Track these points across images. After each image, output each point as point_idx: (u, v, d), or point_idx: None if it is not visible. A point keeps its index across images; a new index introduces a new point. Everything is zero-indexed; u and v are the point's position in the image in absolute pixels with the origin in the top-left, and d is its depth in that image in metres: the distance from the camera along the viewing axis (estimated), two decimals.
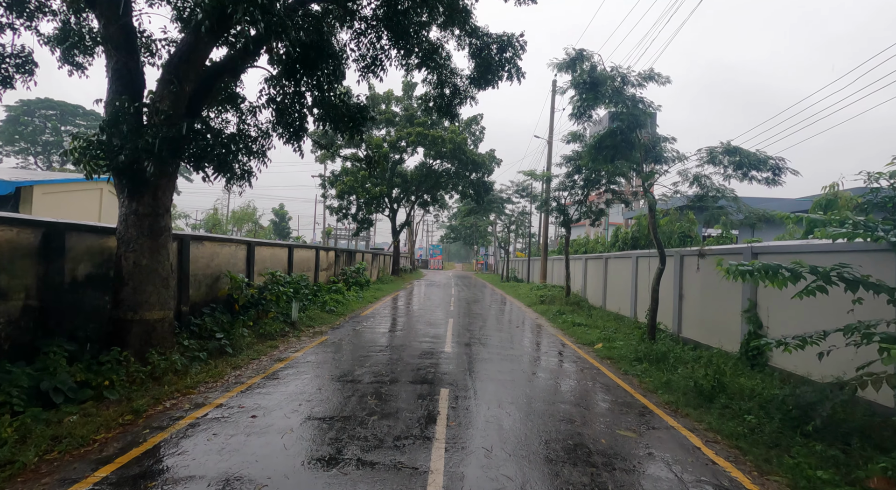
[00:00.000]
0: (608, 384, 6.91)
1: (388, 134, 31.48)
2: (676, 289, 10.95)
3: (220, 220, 53.60)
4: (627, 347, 9.37)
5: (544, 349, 9.64)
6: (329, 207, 32.94)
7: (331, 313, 12.55)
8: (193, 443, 4.03)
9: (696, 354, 8.33)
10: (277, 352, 8.04)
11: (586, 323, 12.84)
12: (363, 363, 7.33)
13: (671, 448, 4.51)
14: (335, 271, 20.23)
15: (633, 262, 13.99)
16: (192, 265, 9.18)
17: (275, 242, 13.47)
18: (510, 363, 7.87)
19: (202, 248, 9.60)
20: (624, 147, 11.30)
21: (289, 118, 7.82)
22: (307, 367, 6.99)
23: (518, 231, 43.53)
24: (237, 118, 8.90)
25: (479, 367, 7.42)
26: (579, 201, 17.84)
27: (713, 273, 9.22)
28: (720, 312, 8.88)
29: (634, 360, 8.35)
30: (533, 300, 19.10)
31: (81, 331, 6.19)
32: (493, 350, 8.92)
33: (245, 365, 6.99)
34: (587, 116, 11.64)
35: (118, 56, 6.49)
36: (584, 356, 8.95)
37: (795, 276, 4.77)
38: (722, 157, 9.54)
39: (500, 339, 10.20)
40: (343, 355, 7.84)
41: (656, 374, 7.33)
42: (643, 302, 13.07)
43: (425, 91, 12.73)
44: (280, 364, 7.10)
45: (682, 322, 10.73)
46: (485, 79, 11.73)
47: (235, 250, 11.04)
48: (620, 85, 10.95)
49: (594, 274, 18.05)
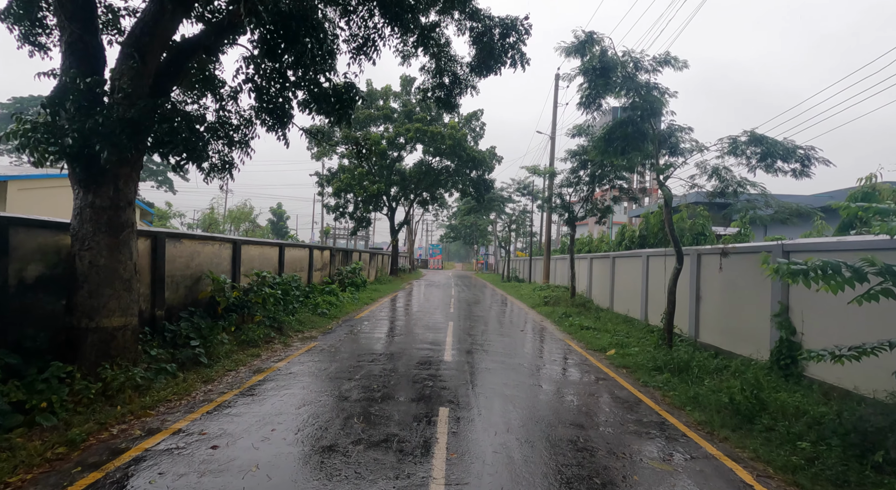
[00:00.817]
0: (628, 399, 6.13)
1: (387, 130, 30.69)
2: (693, 290, 10.17)
3: (217, 219, 52.78)
4: (643, 354, 8.59)
5: (552, 356, 8.86)
6: (325, 206, 32.15)
7: (323, 316, 11.77)
8: (130, 488, 3.24)
9: (721, 363, 7.56)
10: (259, 361, 7.25)
11: (594, 326, 12.06)
12: (353, 375, 6.54)
13: (717, 486, 3.73)
14: (330, 271, 19.44)
15: (643, 261, 13.22)
16: (168, 265, 8.40)
17: (264, 241, 12.68)
18: (516, 374, 7.09)
19: (180, 247, 8.81)
20: (636, 138, 10.52)
21: (270, 102, 7.03)
22: (289, 380, 6.21)
23: (519, 230, 42.75)
24: (217, 104, 8.13)
25: (483, 380, 6.64)
26: (585, 198, 17.06)
27: (738, 273, 8.45)
28: (746, 316, 8.10)
29: (653, 369, 7.58)
30: (536, 301, 18.32)
31: (30, 341, 5.39)
32: (497, 358, 8.15)
33: (219, 378, 6.20)
34: (596, 106, 10.88)
35: (72, 28, 5.69)
36: (596, 364, 8.17)
37: (860, 276, 3.99)
38: (745, 148, 8.77)
39: (504, 346, 9.43)
40: (331, 365, 7.05)
41: (680, 386, 6.55)
42: (655, 304, 12.30)
43: (423, 80, 12.00)
44: (259, 376, 6.31)
45: (700, 326, 9.95)
46: (486, 65, 10.96)
47: (219, 249, 10.25)
48: (633, 71, 10.18)
49: (601, 274, 17.27)
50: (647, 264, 13.00)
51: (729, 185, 9.31)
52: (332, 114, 6.96)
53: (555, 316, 14.35)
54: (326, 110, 6.93)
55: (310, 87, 6.77)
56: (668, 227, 9.72)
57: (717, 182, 9.46)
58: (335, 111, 6.93)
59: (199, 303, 9.24)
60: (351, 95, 7.00)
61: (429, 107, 30.67)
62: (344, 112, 7.00)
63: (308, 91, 6.85)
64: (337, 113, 6.95)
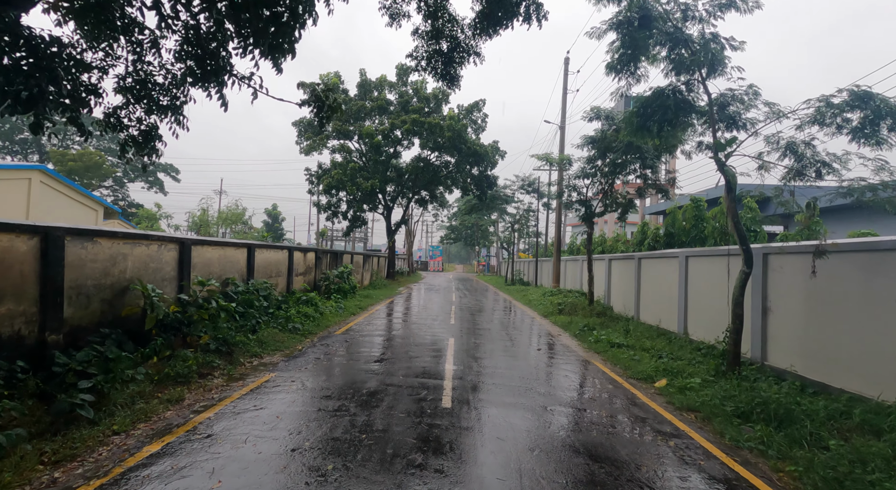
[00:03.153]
0: (719, 477, 3.94)
1: (381, 123, 28.53)
2: (759, 300, 8.00)
3: (208, 220, 50.72)
4: (708, 388, 6.41)
5: (586, 393, 6.66)
6: (316, 204, 29.99)
7: (293, 333, 9.57)
8: None
9: (829, 405, 5.36)
10: (174, 411, 5.06)
11: (626, 343, 9.87)
12: (304, 441, 4.35)
13: None
14: (315, 276, 17.26)
15: (680, 263, 11.04)
16: (71, 272, 6.25)
17: (226, 241, 10.51)
18: (545, 430, 4.91)
19: (94, 249, 6.65)
20: (679, 111, 8.37)
21: (195, 39, 4.84)
22: (198, 455, 4.00)
23: (523, 230, 40.53)
24: (133, 55, 5.98)
25: (500, 452, 4.45)
26: (604, 191, 14.88)
27: (841, 278, 6.25)
28: (857, 338, 5.90)
29: (734, 414, 5.40)
30: (549, 309, 16.11)
31: None
32: (515, 399, 5.96)
33: (87, 452, 3.97)
34: (631, 70, 8.71)
35: None
36: (650, 405, 5.98)
37: None
38: (838, 113, 6.60)
39: (522, 376, 7.24)
40: (279, 422, 4.86)
41: (795, 451, 4.37)
42: (698, 314, 10.12)
43: (416, 46, 9.89)
44: (155, 445, 4.10)
45: (769, 346, 7.77)
46: (494, 19, 8.83)
47: (158, 251, 8.09)
48: (681, 20, 8.04)
49: (622, 278, 15.08)
50: (685, 267, 10.82)
51: (809, 164, 7.16)
52: (274, 50, 4.75)
53: (574, 328, 12.15)
54: (264, 43, 4.74)
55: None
56: (731, 220, 7.53)
57: (794, 161, 7.32)
58: (274, 46, 4.72)
59: (126, 321, 7.08)
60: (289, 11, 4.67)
61: (426, 98, 28.53)
62: (285, 40, 4.73)
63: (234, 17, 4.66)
64: (277, 47, 4.73)
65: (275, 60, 4.88)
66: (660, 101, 8.31)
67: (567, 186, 16.34)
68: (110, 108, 5.83)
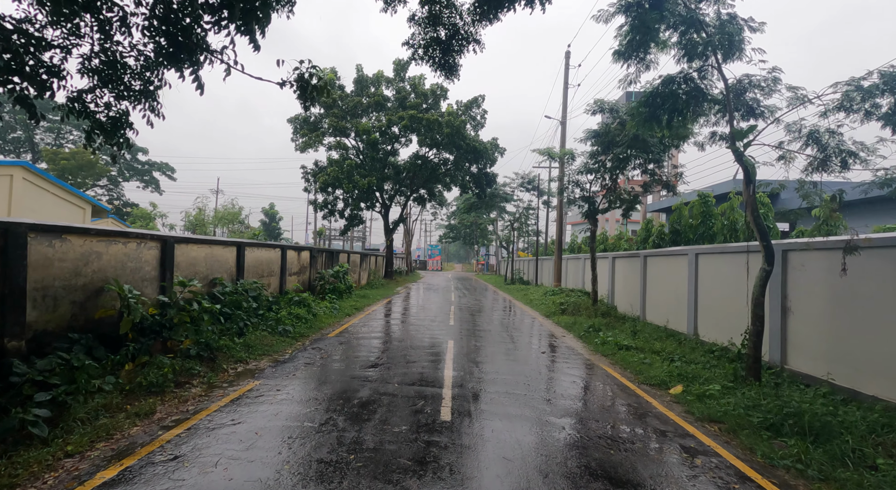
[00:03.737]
0: None
1: (378, 119, 27.97)
2: (778, 300, 7.51)
3: (204, 220, 50.12)
4: (731, 396, 5.91)
5: (596, 400, 6.15)
6: (312, 203, 29.44)
7: (283, 336, 9.04)
8: None
9: (870, 417, 4.86)
10: (143, 426, 4.54)
11: (635, 345, 9.37)
12: (285, 463, 3.85)
13: None
14: (310, 276, 16.73)
15: (689, 261, 10.54)
16: (36, 272, 5.73)
17: (213, 239, 9.99)
18: (552, 446, 4.41)
19: (63, 247, 6.13)
20: (694, 98, 7.88)
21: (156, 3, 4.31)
22: (157, 483, 3.47)
23: (522, 229, 40.01)
24: (100, 33, 5.45)
25: (509, 474, 3.95)
26: (608, 187, 14.36)
27: (874, 277, 5.76)
28: (891, 341, 5.41)
29: (761, 426, 4.90)
30: (551, 309, 15.60)
31: None
32: (520, 410, 5.46)
33: (30, 479, 3.44)
34: (640, 56, 8.21)
35: None
36: (667, 414, 5.47)
37: None
38: (867, 98, 6.11)
39: (526, 381, 6.73)
40: (257, 438, 4.34)
41: (831, 467, 3.88)
42: (709, 314, 9.63)
43: (413, 33, 9.38)
44: (111, 470, 3.58)
45: (789, 349, 7.28)
46: (495, 2, 8.33)
47: (137, 250, 7.56)
48: (695, 0, 7.55)
49: (627, 276, 14.58)
50: (695, 265, 10.33)
51: (834, 154, 6.67)
52: (247, 17, 4.20)
53: (578, 329, 11.65)
54: (236, 12, 4.22)
55: None
56: (750, 214, 7.02)
57: (817, 150, 6.83)
58: (247, 10, 4.19)
59: (100, 325, 6.56)
60: None
61: (424, 94, 27.98)
62: (260, 8, 4.19)
63: None
64: (250, 13, 4.19)
65: (250, 33, 4.36)
66: (670, 89, 7.84)
67: (569, 182, 15.83)
68: (74, 92, 5.31)
